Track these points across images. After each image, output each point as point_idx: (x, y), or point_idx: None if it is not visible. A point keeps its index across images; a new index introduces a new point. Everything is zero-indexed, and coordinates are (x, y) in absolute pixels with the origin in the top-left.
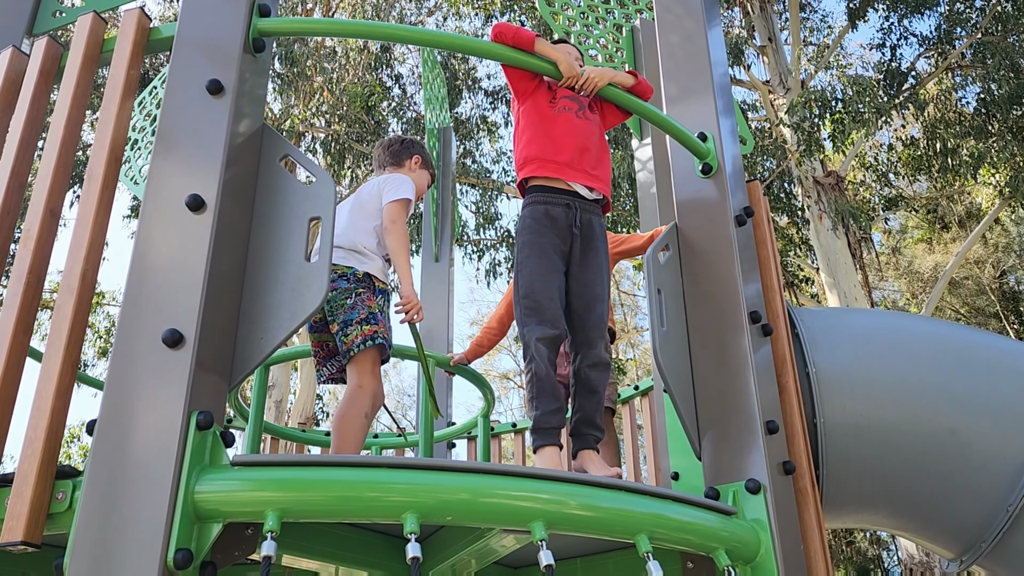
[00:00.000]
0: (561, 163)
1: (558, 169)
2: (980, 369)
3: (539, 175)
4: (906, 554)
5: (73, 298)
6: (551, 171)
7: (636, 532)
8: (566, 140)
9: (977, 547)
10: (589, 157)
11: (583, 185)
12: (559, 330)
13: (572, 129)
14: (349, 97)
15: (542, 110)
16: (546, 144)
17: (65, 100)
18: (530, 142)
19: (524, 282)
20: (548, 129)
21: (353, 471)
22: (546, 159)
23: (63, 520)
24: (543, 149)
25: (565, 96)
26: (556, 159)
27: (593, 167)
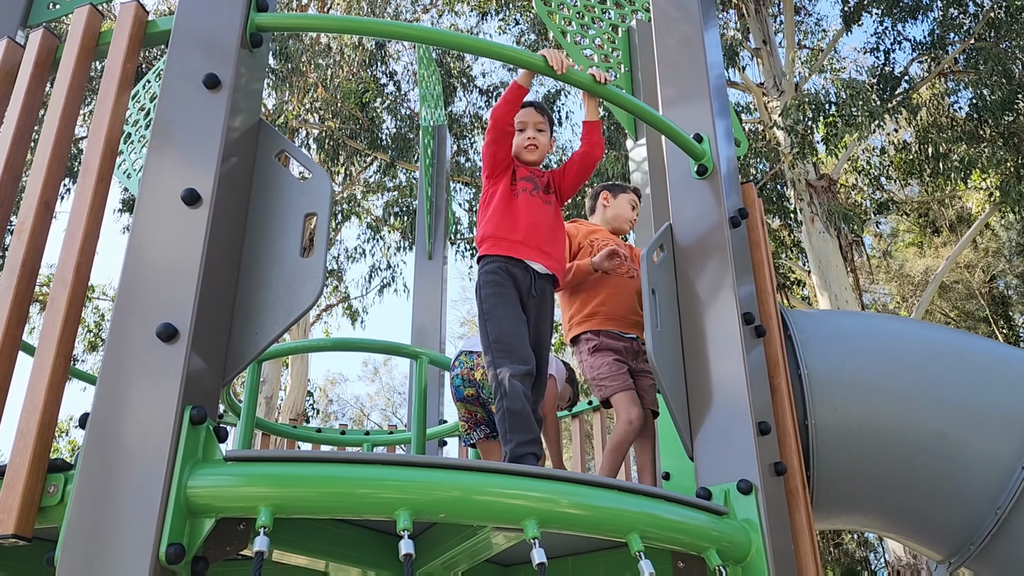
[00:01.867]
0: (515, 241)
1: (512, 247)
2: (970, 373)
3: (495, 252)
4: (893, 556)
5: (67, 291)
6: (505, 249)
7: (628, 531)
8: (521, 219)
9: (966, 549)
10: (541, 234)
11: (535, 262)
12: (530, 366)
13: (528, 208)
14: (343, 94)
15: (505, 192)
16: (502, 222)
17: (60, 92)
18: (489, 220)
19: (494, 328)
20: (507, 209)
21: (347, 467)
22: (501, 237)
23: (55, 514)
24: (499, 227)
25: (523, 178)
26: (511, 237)
27: (545, 244)
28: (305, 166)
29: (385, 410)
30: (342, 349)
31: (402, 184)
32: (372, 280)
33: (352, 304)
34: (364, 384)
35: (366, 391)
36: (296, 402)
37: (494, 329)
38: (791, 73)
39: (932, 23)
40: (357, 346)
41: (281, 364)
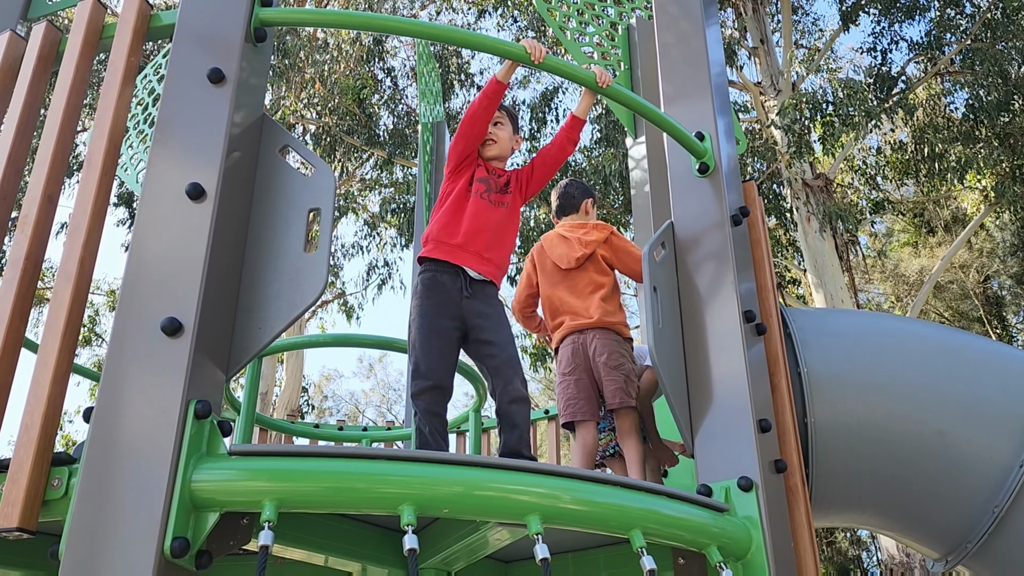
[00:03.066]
0: (453, 245)
1: (449, 251)
2: (969, 371)
3: (430, 256)
4: (886, 554)
5: (71, 285)
6: (442, 253)
7: (630, 527)
8: (465, 222)
9: (963, 547)
10: (482, 239)
11: (471, 268)
12: (431, 381)
13: (475, 211)
14: (341, 90)
15: (459, 192)
16: (447, 225)
17: (64, 86)
18: (436, 221)
19: (411, 340)
20: (455, 211)
21: (351, 462)
22: (441, 241)
23: (59, 507)
24: (442, 230)
25: (478, 179)
26: (449, 241)
27: (486, 249)
28: (308, 161)
29: (380, 407)
30: (342, 345)
31: (399, 180)
32: (369, 277)
33: (348, 300)
34: (359, 380)
35: (361, 388)
36: (291, 398)
37: (411, 341)
38: (788, 72)
39: (929, 23)
40: (357, 342)
41: (276, 360)
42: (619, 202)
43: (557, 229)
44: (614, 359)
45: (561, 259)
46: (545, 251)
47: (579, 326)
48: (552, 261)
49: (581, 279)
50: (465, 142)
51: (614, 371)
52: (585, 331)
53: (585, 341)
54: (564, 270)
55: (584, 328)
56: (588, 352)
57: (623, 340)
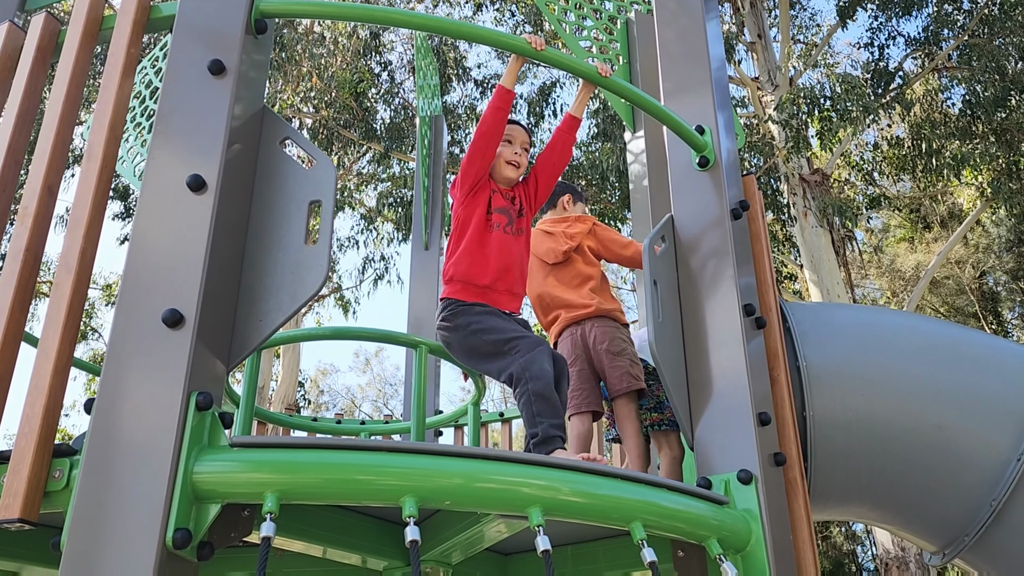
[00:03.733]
0: (483, 286)
1: (480, 293)
2: (967, 365)
3: (460, 299)
4: (881, 549)
5: (72, 276)
6: (473, 296)
7: (630, 519)
8: (493, 260)
9: (960, 541)
10: (512, 276)
11: (504, 309)
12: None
13: (501, 249)
14: (338, 83)
15: (478, 223)
16: (472, 264)
17: (63, 77)
18: (460, 260)
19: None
20: (478, 246)
21: (353, 454)
22: (469, 282)
23: (60, 499)
24: (469, 270)
25: (497, 209)
26: (479, 282)
27: (516, 285)
28: (309, 153)
29: (376, 401)
30: (340, 338)
31: (396, 175)
32: (365, 271)
33: (344, 295)
34: (355, 375)
35: (357, 382)
36: (287, 392)
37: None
38: (785, 67)
39: (926, 19)
40: (356, 335)
41: (272, 354)
42: (616, 197)
43: (538, 226)
44: (616, 345)
45: (548, 254)
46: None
47: (575, 317)
48: (538, 258)
49: (569, 272)
50: (482, 160)
51: (617, 357)
52: (582, 321)
53: (583, 331)
54: (551, 265)
55: (581, 319)
56: (588, 342)
57: (621, 326)
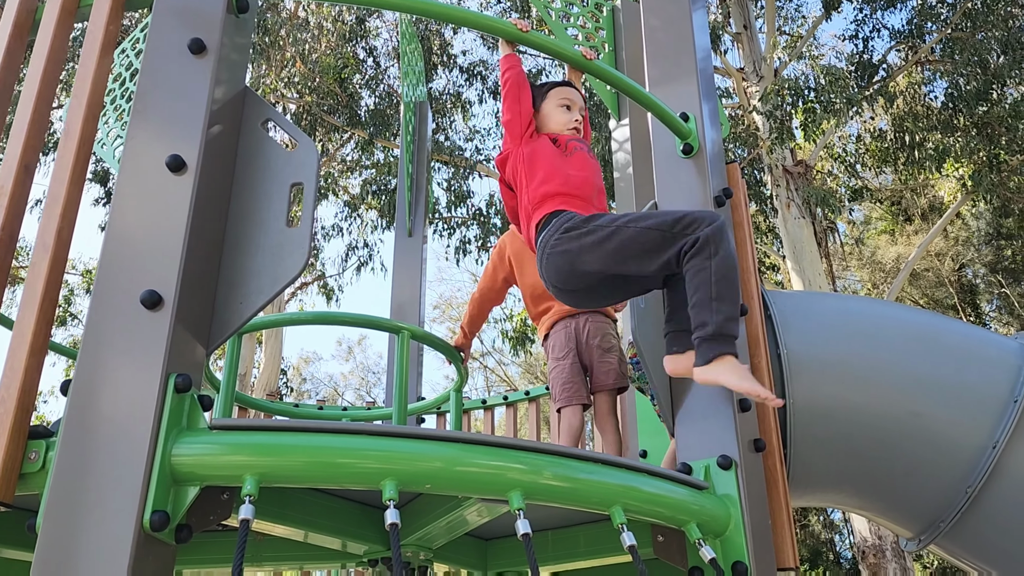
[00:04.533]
0: (586, 199)
1: (584, 206)
2: (946, 354)
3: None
4: (859, 537)
5: (48, 255)
6: (578, 207)
7: (611, 504)
8: (585, 177)
9: (935, 527)
10: (603, 198)
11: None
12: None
13: (588, 166)
14: (322, 69)
15: (550, 152)
16: (565, 181)
17: (41, 54)
18: (546, 179)
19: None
20: (563, 166)
21: (334, 437)
22: (570, 194)
23: (36, 480)
24: (564, 185)
25: (571, 140)
26: (581, 194)
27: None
28: (292, 135)
29: (359, 389)
30: (323, 323)
31: (380, 162)
32: (349, 258)
33: (328, 282)
34: (338, 363)
35: (340, 370)
36: (270, 380)
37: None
38: (771, 59)
39: (911, 12)
40: (338, 320)
41: (255, 341)
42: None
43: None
44: (607, 341)
45: None
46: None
47: (571, 310)
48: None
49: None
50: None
51: (608, 353)
52: (577, 315)
53: (578, 325)
54: None
55: (576, 312)
56: (581, 336)
57: (612, 322)
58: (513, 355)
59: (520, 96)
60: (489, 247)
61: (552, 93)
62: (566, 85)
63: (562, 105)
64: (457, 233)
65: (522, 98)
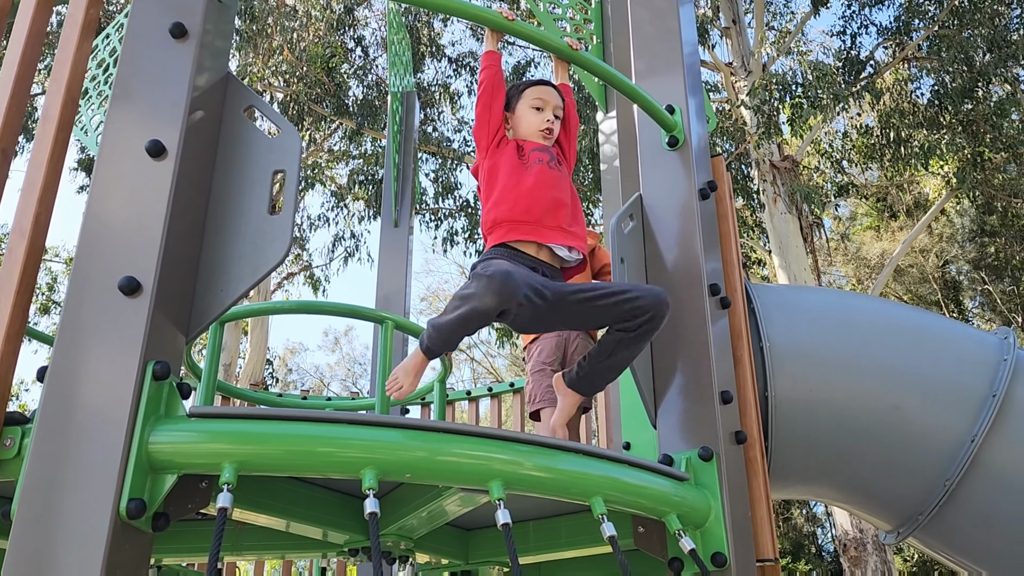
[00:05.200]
0: (533, 222)
1: (531, 230)
2: (927, 349)
3: (509, 239)
4: (840, 530)
5: (25, 241)
6: (523, 233)
7: (592, 494)
8: (539, 194)
9: (914, 520)
10: (565, 213)
11: (560, 244)
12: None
13: (545, 182)
14: (309, 58)
15: (511, 164)
16: (516, 202)
17: (19, 36)
18: (499, 202)
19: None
20: (518, 184)
21: (313, 426)
22: (517, 220)
23: (11, 467)
24: (512, 209)
25: (535, 149)
26: (527, 218)
27: (569, 224)
28: (274, 122)
29: (345, 380)
30: (308, 312)
31: (367, 152)
32: (335, 249)
33: (314, 273)
34: (324, 354)
35: (326, 361)
36: (255, 370)
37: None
38: (759, 53)
39: (898, 9)
40: (322, 309)
41: (240, 331)
42: (588, 179)
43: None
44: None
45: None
46: None
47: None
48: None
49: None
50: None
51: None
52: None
53: (569, 337)
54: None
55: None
56: (569, 349)
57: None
58: (499, 347)
59: (492, 102)
60: (476, 238)
61: (527, 92)
62: (542, 84)
63: (534, 106)
64: (444, 224)
65: (493, 105)
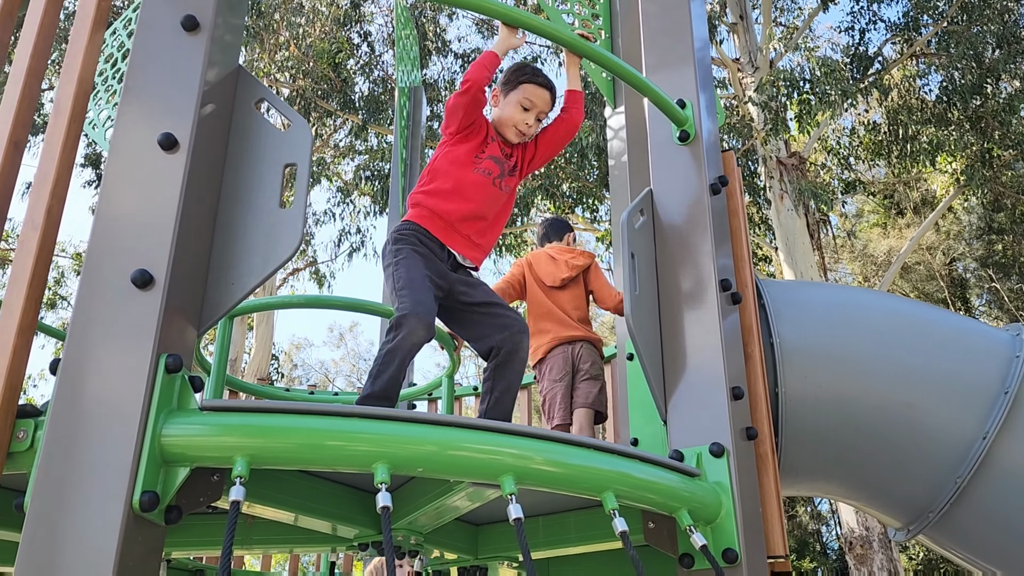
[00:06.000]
0: (447, 223)
1: (443, 229)
2: (937, 345)
3: (422, 224)
4: (846, 528)
5: (38, 233)
6: (435, 229)
7: (602, 489)
8: (465, 202)
9: (924, 517)
10: (480, 226)
11: (458, 253)
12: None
13: (479, 194)
14: (316, 53)
15: (462, 161)
16: (444, 199)
17: (31, 29)
18: (432, 193)
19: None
20: (455, 183)
21: (325, 419)
22: (436, 214)
23: (24, 460)
24: (438, 203)
25: (490, 157)
26: (446, 217)
27: (479, 236)
28: (285, 115)
29: (350, 376)
30: (314, 306)
31: (373, 148)
32: (341, 244)
33: (320, 268)
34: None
35: (331, 356)
36: (261, 365)
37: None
38: (766, 50)
39: (907, 4)
40: (329, 303)
41: (246, 326)
42: (594, 176)
43: (546, 249)
44: (595, 368)
45: (547, 277)
46: (534, 267)
47: (570, 337)
48: (537, 278)
49: (565, 296)
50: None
51: (594, 380)
52: (575, 342)
53: (574, 351)
54: (548, 286)
55: (575, 339)
56: (575, 361)
57: (600, 353)
58: None
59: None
60: None
61: (524, 87)
62: (543, 87)
63: (523, 104)
64: None
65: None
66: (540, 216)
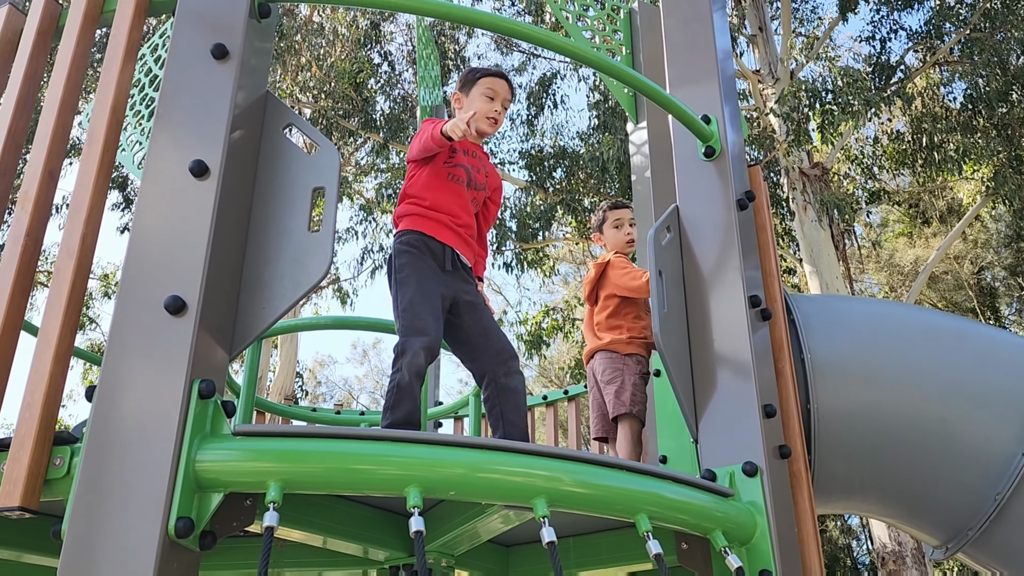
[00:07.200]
0: (442, 224)
1: (440, 229)
2: (972, 359)
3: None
4: (878, 543)
5: (73, 261)
6: (432, 230)
7: (635, 511)
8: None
9: (963, 535)
10: (472, 232)
11: (457, 250)
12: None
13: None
14: (337, 73)
15: (436, 169)
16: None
17: (64, 61)
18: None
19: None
20: (434, 192)
21: (358, 444)
22: (427, 218)
23: (61, 487)
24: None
25: (460, 164)
26: (439, 220)
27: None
28: (313, 139)
29: (374, 393)
30: (341, 327)
31: (395, 166)
32: (364, 262)
33: (342, 286)
34: (352, 366)
35: (354, 373)
36: (285, 383)
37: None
38: (787, 60)
39: (928, 12)
40: (356, 324)
41: (270, 345)
42: (615, 189)
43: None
44: (607, 375)
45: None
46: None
47: (589, 351)
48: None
49: (592, 308)
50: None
51: (607, 385)
52: (593, 355)
53: (593, 365)
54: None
55: (592, 352)
56: (595, 374)
57: (620, 356)
58: (528, 358)
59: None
60: (505, 250)
61: (482, 81)
62: (498, 76)
63: (487, 95)
64: None
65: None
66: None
